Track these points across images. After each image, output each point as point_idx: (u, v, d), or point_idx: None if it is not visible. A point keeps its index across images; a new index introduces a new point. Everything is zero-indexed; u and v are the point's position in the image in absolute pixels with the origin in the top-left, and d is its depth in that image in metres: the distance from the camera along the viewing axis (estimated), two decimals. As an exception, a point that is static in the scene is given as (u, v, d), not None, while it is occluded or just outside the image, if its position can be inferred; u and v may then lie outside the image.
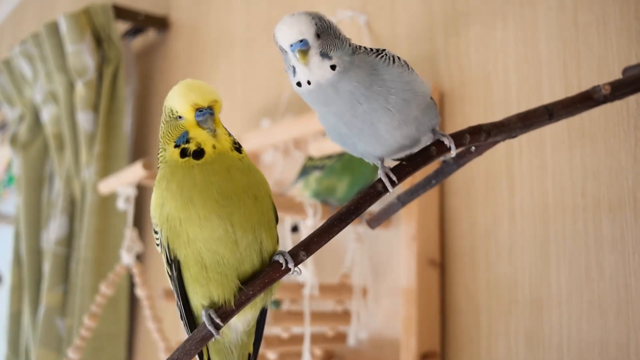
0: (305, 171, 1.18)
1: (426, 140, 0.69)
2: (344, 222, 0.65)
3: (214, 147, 0.66)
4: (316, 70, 0.64)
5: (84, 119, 1.81)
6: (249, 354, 0.75)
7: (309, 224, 1.05)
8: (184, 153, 0.66)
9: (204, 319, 0.65)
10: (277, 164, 1.40)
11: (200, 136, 0.66)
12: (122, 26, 1.92)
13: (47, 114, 1.95)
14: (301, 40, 0.64)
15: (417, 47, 1.17)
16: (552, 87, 0.98)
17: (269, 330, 1.17)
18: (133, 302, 1.86)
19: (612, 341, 0.87)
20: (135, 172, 1.24)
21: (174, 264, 0.67)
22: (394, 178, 0.66)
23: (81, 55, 1.79)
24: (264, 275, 0.65)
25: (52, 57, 1.86)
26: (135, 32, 1.94)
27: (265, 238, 0.67)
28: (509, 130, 0.71)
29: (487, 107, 1.06)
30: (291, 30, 0.64)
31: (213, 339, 0.65)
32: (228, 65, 1.66)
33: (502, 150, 1.02)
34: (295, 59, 0.64)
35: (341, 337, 1.17)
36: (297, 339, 1.11)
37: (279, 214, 1.18)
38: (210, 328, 0.64)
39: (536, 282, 0.96)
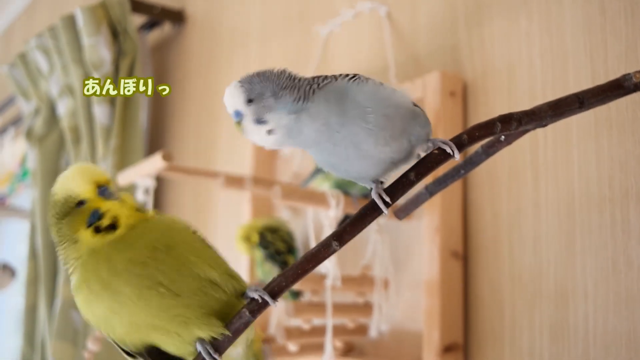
0: (318, 170, 1.18)
1: (423, 150, 0.68)
2: (377, 212, 0.64)
3: (127, 216, 0.66)
4: (255, 136, 0.65)
5: (100, 112, 1.81)
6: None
7: (332, 215, 1.05)
8: (97, 230, 0.65)
9: (199, 349, 0.64)
10: (295, 156, 1.39)
11: (112, 208, 0.66)
12: (137, 19, 1.92)
13: (63, 107, 1.95)
14: (236, 111, 0.65)
15: (438, 39, 1.16)
16: (578, 77, 0.97)
17: (290, 321, 1.17)
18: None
19: (639, 333, 0.86)
20: (155, 163, 1.23)
21: (142, 352, 0.66)
22: (387, 199, 0.65)
23: (98, 48, 1.79)
24: (239, 316, 0.65)
25: (69, 50, 1.86)
26: (151, 25, 1.94)
27: (213, 272, 0.66)
28: (540, 119, 0.70)
29: (510, 98, 1.05)
30: (226, 101, 0.66)
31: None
32: (244, 59, 1.65)
33: (527, 141, 1.01)
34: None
35: (362, 329, 1.16)
36: (318, 331, 1.11)
37: (301, 206, 1.18)
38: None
39: (561, 273, 0.95)
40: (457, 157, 0.66)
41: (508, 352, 1.00)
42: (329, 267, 1.07)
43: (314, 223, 1.12)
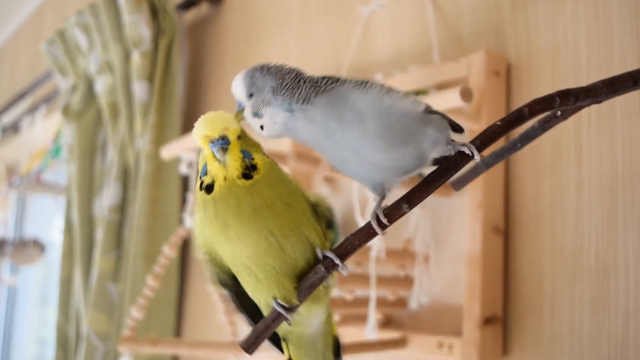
0: None
1: (442, 153, 0.69)
2: (444, 177, 0.67)
3: (224, 178, 0.66)
4: (253, 127, 0.68)
5: (139, 89, 1.85)
6: (334, 337, 0.78)
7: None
8: (200, 186, 0.68)
9: (274, 305, 0.68)
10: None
11: (214, 169, 0.67)
12: (176, -1, 1.96)
13: (102, 84, 1.99)
14: (238, 101, 0.68)
15: (483, 18, 1.18)
16: (624, 59, 0.99)
17: (333, 292, 1.20)
18: (183, 269, 1.90)
19: (680, 307, 0.89)
20: (201, 137, 1.27)
21: (229, 280, 0.71)
22: (385, 221, 0.66)
23: (138, 26, 1.82)
24: (313, 274, 0.67)
25: (109, 27, 1.90)
26: (188, 4, 1.97)
27: (311, 235, 0.69)
28: (595, 95, 0.72)
29: (555, 79, 1.07)
30: (233, 91, 0.69)
31: (288, 324, 0.68)
32: (282, 40, 1.68)
33: (570, 119, 1.03)
34: None
35: (401, 302, 1.19)
36: (360, 302, 1.14)
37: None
38: (281, 310, 0.67)
39: (603, 248, 0.98)
40: (477, 157, 0.66)
41: (547, 325, 1.03)
42: (374, 239, 1.10)
43: (359, 197, 1.15)
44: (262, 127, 0.68)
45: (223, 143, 0.66)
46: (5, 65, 3.78)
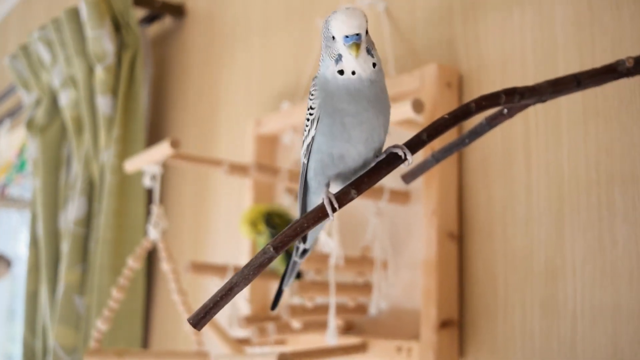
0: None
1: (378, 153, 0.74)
2: (391, 166, 0.70)
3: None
4: (362, 63, 0.70)
5: (103, 103, 1.86)
6: None
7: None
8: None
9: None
10: (295, 144, 1.45)
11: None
12: (139, 12, 1.97)
13: (66, 98, 2.00)
14: (357, 34, 0.69)
15: (435, 33, 1.22)
16: (568, 70, 1.03)
17: (294, 300, 1.23)
18: (150, 281, 1.91)
19: (624, 306, 0.93)
20: (163, 150, 1.28)
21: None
22: (336, 205, 0.69)
23: (101, 41, 1.84)
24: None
25: (72, 42, 1.91)
26: (151, 18, 1.99)
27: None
28: (540, 94, 0.76)
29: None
30: (350, 22, 0.69)
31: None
32: (246, 52, 1.71)
33: (519, 128, 1.08)
34: (345, 49, 0.69)
35: (361, 308, 1.22)
36: (321, 309, 1.17)
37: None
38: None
39: (551, 252, 1.02)
40: (410, 159, 0.71)
41: (501, 327, 1.06)
42: (332, 246, 1.13)
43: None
44: (374, 65, 0.70)
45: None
46: (-32, 79, 3.75)
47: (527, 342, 1.03)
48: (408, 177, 0.88)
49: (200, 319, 0.65)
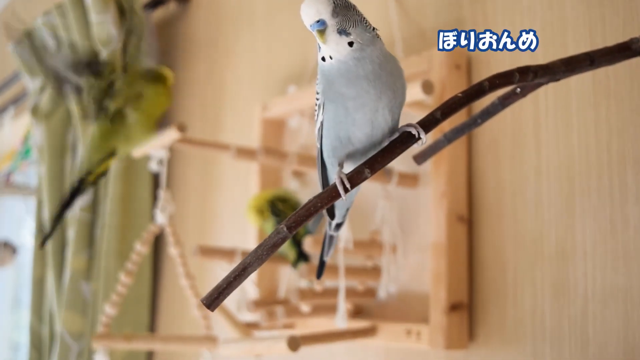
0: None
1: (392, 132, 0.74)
2: (405, 145, 0.70)
3: None
4: (334, 46, 0.69)
5: (108, 88, 1.85)
6: None
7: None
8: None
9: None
10: (302, 128, 1.44)
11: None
12: (143, -3, 1.96)
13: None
14: (318, 21, 0.68)
15: (444, 14, 1.21)
16: (578, 51, 1.01)
17: (302, 283, 1.22)
18: (156, 265, 1.91)
19: (635, 288, 0.92)
20: (170, 134, 1.28)
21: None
22: (348, 185, 0.69)
23: (106, 26, 1.83)
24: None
25: (77, 27, 1.90)
26: (156, 3, 1.98)
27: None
28: (553, 73, 0.75)
29: (513, 70, 1.10)
30: (309, 11, 0.68)
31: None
32: (251, 36, 1.70)
33: (529, 110, 1.07)
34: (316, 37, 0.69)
35: (370, 292, 1.22)
36: (330, 293, 1.16)
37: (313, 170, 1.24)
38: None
39: (562, 235, 1.01)
40: (424, 138, 0.70)
41: (511, 310, 1.06)
42: (341, 230, 1.12)
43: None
44: (350, 44, 0.68)
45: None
46: (-28, 66, 3.74)
47: (538, 325, 1.02)
48: (420, 158, 0.87)
49: (213, 300, 0.65)
